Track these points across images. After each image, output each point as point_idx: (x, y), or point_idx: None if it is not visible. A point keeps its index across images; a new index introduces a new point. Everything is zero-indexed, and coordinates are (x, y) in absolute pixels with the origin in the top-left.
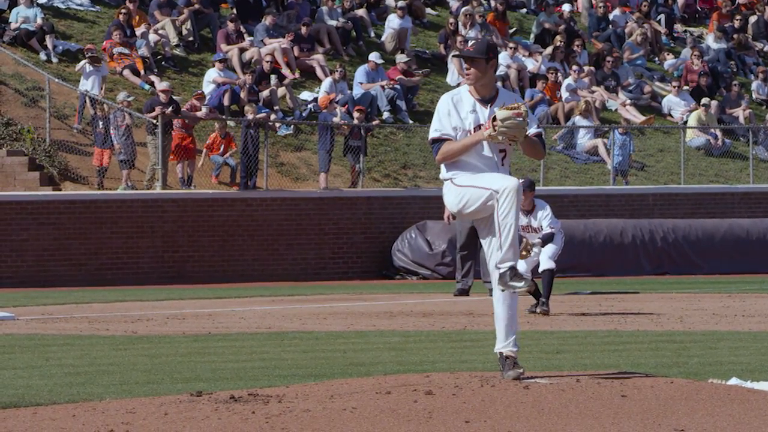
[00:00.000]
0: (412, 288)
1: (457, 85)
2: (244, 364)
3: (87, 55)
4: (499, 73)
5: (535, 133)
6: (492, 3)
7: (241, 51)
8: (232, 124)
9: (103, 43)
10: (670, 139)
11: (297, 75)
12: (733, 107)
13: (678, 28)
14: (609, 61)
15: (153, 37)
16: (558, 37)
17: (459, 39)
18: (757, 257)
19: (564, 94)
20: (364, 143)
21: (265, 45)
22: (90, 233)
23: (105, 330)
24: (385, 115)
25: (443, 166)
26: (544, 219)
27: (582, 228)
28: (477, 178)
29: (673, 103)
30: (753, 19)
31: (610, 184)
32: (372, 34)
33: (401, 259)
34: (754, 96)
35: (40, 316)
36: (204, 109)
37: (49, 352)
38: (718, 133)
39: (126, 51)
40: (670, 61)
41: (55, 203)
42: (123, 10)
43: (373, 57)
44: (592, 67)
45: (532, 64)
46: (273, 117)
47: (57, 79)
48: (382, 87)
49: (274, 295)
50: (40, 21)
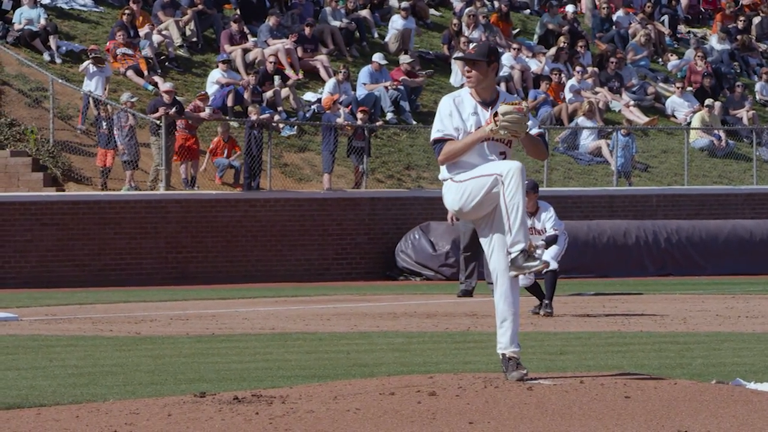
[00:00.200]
0: (415, 289)
1: (461, 87)
2: (248, 365)
3: (90, 56)
4: (503, 74)
5: (537, 133)
6: (496, 4)
7: (245, 52)
8: (235, 125)
9: (107, 43)
10: (673, 140)
11: (300, 76)
12: (737, 108)
13: (681, 29)
14: (612, 62)
15: (156, 37)
16: (561, 38)
17: (462, 40)
18: (760, 258)
19: (567, 95)
20: (367, 144)
21: (268, 46)
22: (93, 234)
23: (109, 331)
24: (389, 116)
25: (442, 166)
26: (547, 221)
27: (585, 229)
28: (476, 170)
29: (677, 104)
30: (756, 20)
31: (614, 185)
32: (375, 35)
33: (405, 260)
34: (758, 97)
35: (43, 317)
36: (207, 110)
37: (53, 353)
38: (722, 134)
39: (129, 52)
40: (673, 62)
41: (59, 204)
42: (126, 11)
43: (377, 58)
44: (596, 68)
45: (535, 65)
46: (276, 118)
47: (60, 80)
48: (386, 88)
49: (277, 296)
50: (43, 21)
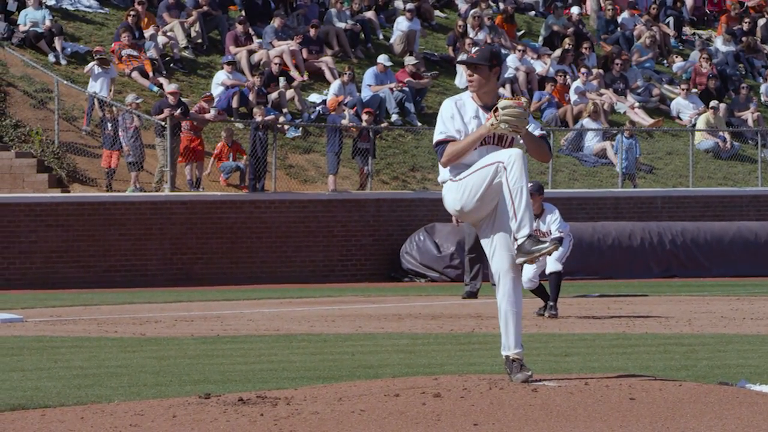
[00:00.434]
0: (420, 290)
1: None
2: (253, 367)
3: (96, 57)
4: (508, 76)
5: (539, 135)
6: (501, 5)
7: (250, 53)
8: (240, 126)
9: (112, 45)
10: (678, 142)
11: (305, 77)
12: (742, 110)
13: (687, 30)
14: (618, 64)
15: (161, 39)
16: (567, 39)
17: (467, 41)
18: (765, 260)
19: (572, 96)
20: (372, 145)
21: (273, 47)
22: (98, 235)
23: (113, 332)
24: (394, 117)
25: (441, 169)
26: (552, 223)
27: (590, 231)
28: (476, 165)
29: (682, 106)
30: (761, 21)
31: (619, 187)
32: (381, 37)
33: (410, 262)
34: (763, 99)
35: (48, 318)
36: (212, 112)
37: (58, 354)
38: (727, 135)
39: (135, 53)
40: (678, 63)
41: (64, 205)
42: (132, 12)
43: (382, 59)
44: (601, 70)
45: (540, 67)
46: (281, 119)
47: (66, 81)
48: (391, 89)
49: (282, 298)
50: (48, 23)
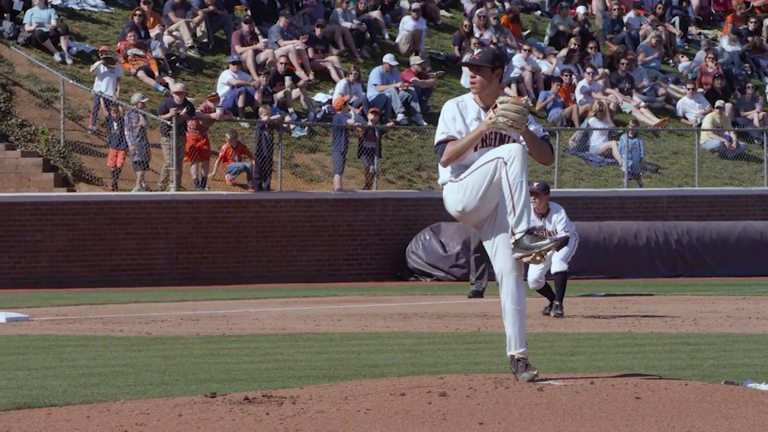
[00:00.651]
0: (426, 290)
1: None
2: (259, 366)
3: (101, 57)
4: (514, 75)
5: (541, 135)
6: (506, 5)
7: (256, 53)
8: (246, 125)
9: (118, 44)
10: (684, 142)
11: (311, 77)
12: (748, 110)
13: (692, 30)
14: (623, 64)
15: (167, 38)
16: (572, 39)
17: (473, 41)
18: None
19: (578, 96)
20: (378, 145)
21: (279, 47)
22: (104, 234)
23: (119, 331)
24: (400, 116)
25: (441, 169)
26: (558, 222)
27: (596, 230)
28: (476, 164)
29: (688, 106)
30: (767, 21)
31: (624, 187)
32: (386, 36)
33: (415, 261)
34: None
35: (54, 317)
36: (218, 111)
37: (64, 353)
38: (733, 135)
39: (140, 52)
40: (684, 63)
41: (70, 204)
42: (137, 12)
43: (388, 59)
44: (607, 70)
45: (546, 67)
46: (287, 119)
47: (71, 81)
48: (397, 89)
49: (288, 297)
50: (54, 22)
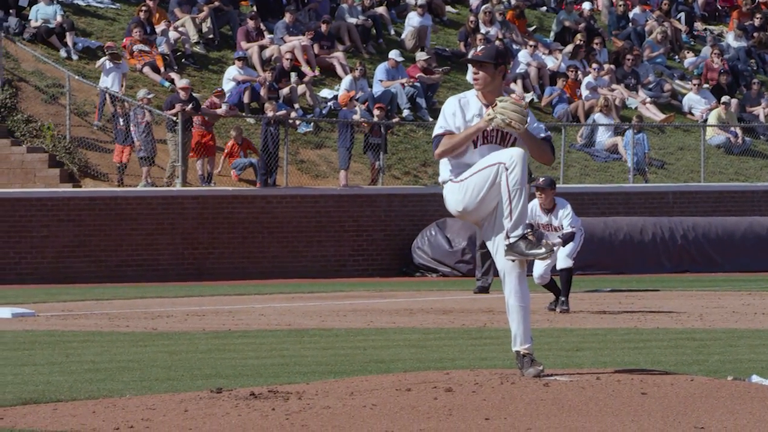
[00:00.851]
0: (431, 285)
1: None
2: (264, 361)
3: (107, 53)
4: (519, 71)
5: (543, 136)
6: (512, 1)
7: (261, 48)
8: (251, 121)
9: (123, 40)
10: (690, 137)
11: (317, 72)
12: (753, 105)
13: (698, 26)
14: (629, 59)
15: (173, 34)
16: (578, 35)
17: (479, 37)
18: None
19: (584, 92)
20: (384, 141)
21: (285, 42)
22: (110, 230)
23: (125, 326)
24: (405, 112)
25: (442, 167)
26: (565, 218)
27: (602, 226)
28: (477, 165)
29: (693, 101)
30: None
31: (630, 182)
32: (392, 32)
33: (421, 257)
34: None
35: (60, 313)
36: (224, 107)
37: (70, 349)
38: (738, 131)
39: (146, 48)
40: (690, 59)
41: (75, 200)
42: (143, 8)
43: (393, 55)
44: (612, 65)
45: (552, 62)
46: (293, 114)
47: (77, 76)
48: (402, 85)
49: (294, 292)
50: (60, 18)
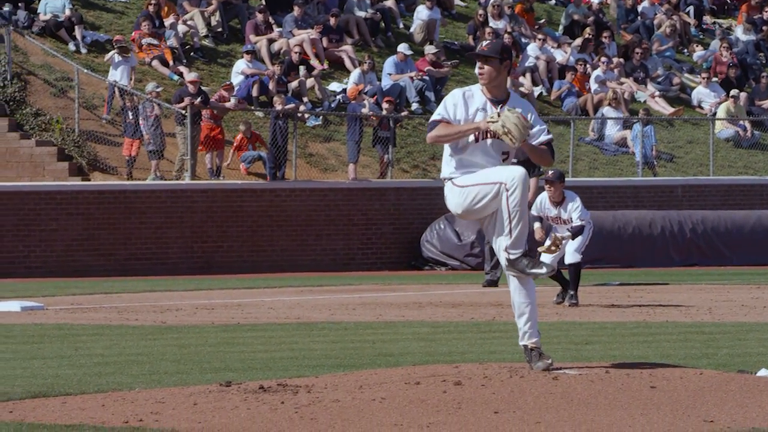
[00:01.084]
0: (440, 279)
1: None
2: (273, 355)
3: (116, 46)
4: (528, 65)
5: (546, 140)
6: None
7: (270, 42)
8: (260, 115)
9: (132, 33)
10: (699, 131)
11: (326, 66)
12: (763, 99)
13: (707, 19)
14: (638, 53)
15: (182, 27)
16: (587, 28)
17: (488, 30)
18: None
19: (593, 85)
20: (392, 134)
21: (293, 36)
22: (119, 223)
23: (134, 320)
24: (414, 106)
25: (444, 163)
26: (574, 211)
27: (611, 219)
28: (479, 176)
29: (703, 95)
30: None
31: (639, 176)
32: (401, 26)
33: (430, 250)
34: None
35: (69, 306)
36: (233, 100)
37: (79, 342)
38: (747, 124)
39: (155, 42)
40: (699, 52)
41: (84, 193)
42: (152, 1)
43: (402, 48)
44: (621, 59)
45: (560, 56)
46: (302, 108)
47: (86, 70)
48: (411, 78)
49: (302, 286)
50: (68, 12)
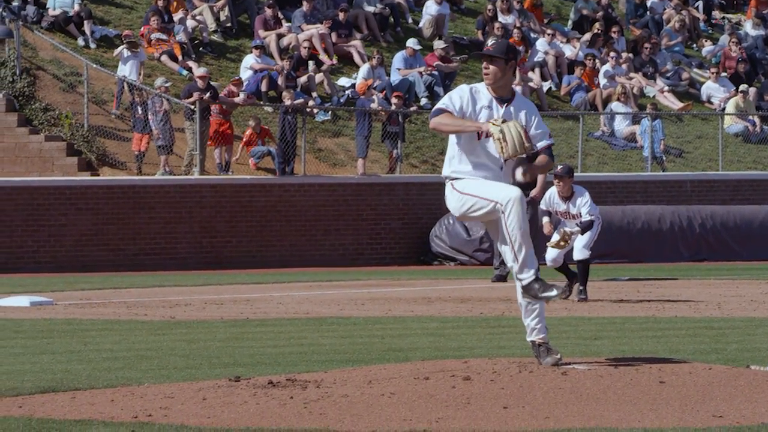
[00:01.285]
0: (449, 274)
1: None
2: (282, 350)
3: (125, 41)
4: (537, 60)
5: (547, 144)
6: None
7: (279, 37)
8: (269, 110)
9: (141, 28)
10: (708, 126)
11: (335, 61)
12: None
13: (716, 14)
14: (647, 48)
15: (191, 22)
16: (596, 23)
17: (497, 25)
18: None
19: (602, 80)
20: (401, 129)
21: (302, 31)
22: (128, 218)
23: (143, 315)
24: (423, 101)
25: (447, 161)
26: (583, 206)
27: (620, 214)
28: (478, 187)
29: (712, 90)
30: None
31: (648, 171)
32: (410, 20)
33: (439, 245)
34: None
35: (78, 301)
36: (242, 95)
37: (88, 337)
38: (756, 119)
39: (164, 37)
40: (708, 47)
41: (93, 188)
42: None
43: (411, 43)
44: (630, 54)
45: (570, 51)
46: (311, 103)
47: (95, 65)
48: (420, 73)
49: (311, 281)
50: (77, 7)
